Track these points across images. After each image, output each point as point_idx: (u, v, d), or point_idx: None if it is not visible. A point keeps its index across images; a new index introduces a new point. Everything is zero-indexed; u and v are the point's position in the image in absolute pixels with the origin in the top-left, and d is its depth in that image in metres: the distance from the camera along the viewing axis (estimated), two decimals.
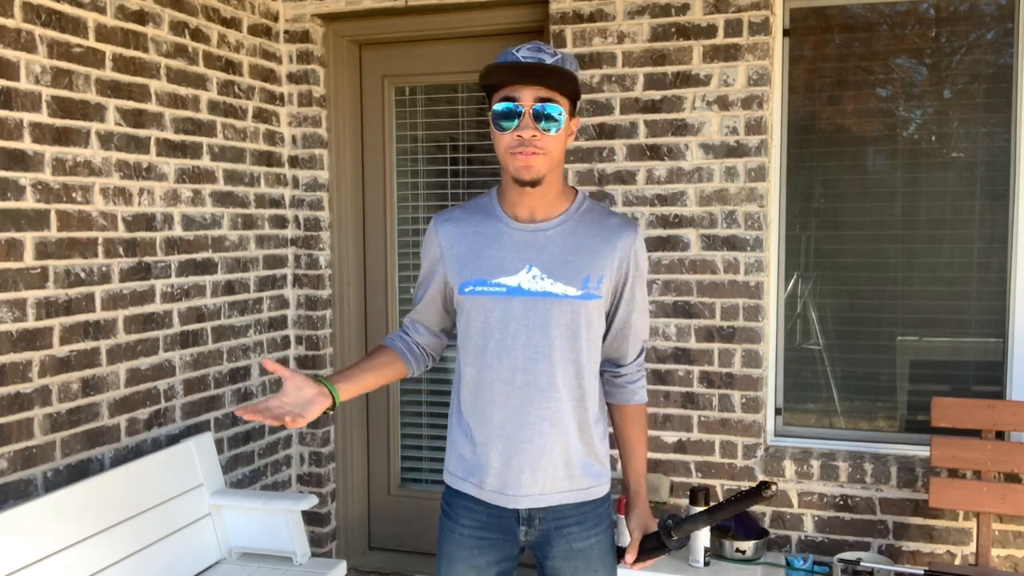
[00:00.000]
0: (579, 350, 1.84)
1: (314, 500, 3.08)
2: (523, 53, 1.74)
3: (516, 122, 1.73)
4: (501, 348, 1.83)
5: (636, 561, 1.92)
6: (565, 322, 1.82)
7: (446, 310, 1.99)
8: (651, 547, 1.90)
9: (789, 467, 3.28)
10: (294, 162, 3.86)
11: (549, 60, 1.73)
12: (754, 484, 1.84)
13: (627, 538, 1.96)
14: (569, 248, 1.83)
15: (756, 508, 3.33)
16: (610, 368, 1.97)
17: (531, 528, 1.89)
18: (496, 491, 1.87)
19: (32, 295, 2.62)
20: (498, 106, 1.74)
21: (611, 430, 2.05)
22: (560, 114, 1.74)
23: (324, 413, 1.78)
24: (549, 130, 1.73)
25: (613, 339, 1.93)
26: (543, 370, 1.81)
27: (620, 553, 1.96)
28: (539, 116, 1.72)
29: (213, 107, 3.38)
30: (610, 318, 1.91)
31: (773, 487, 1.74)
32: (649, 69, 3.35)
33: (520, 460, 1.84)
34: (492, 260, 1.83)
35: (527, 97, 1.72)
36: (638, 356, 1.97)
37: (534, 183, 1.78)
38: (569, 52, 1.85)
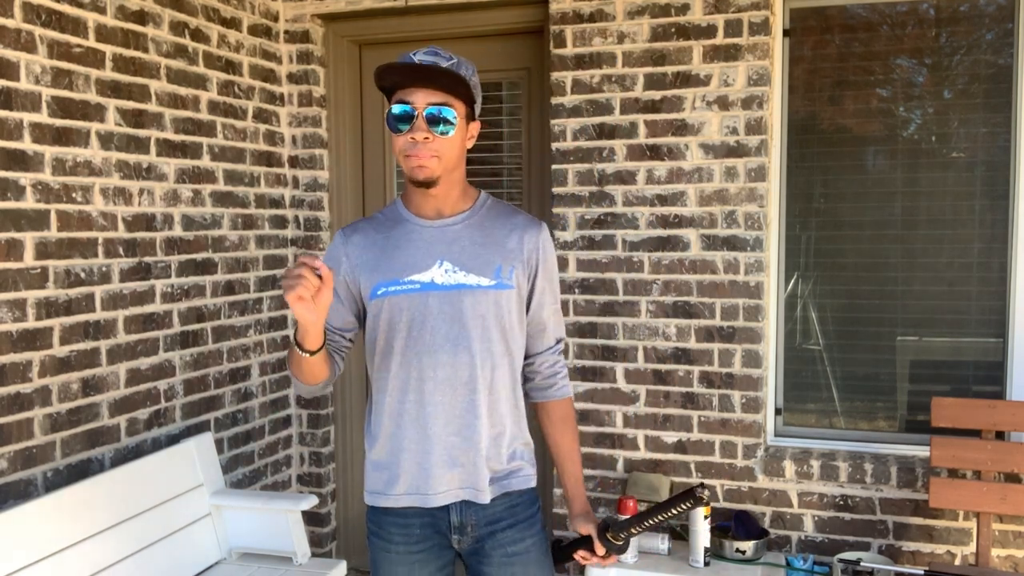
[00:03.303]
0: (496, 340, 1.84)
1: (314, 500, 3.08)
2: (419, 56, 1.75)
3: (410, 124, 1.74)
4: (419, 344, 1.82)
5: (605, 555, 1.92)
6: (480, 312, 1.82)
7: (359, 317, 1.95)
8: (607, 546, 1.91)
9: (789, 467, 3.28)
10: (294, 162, 3.86)
11: (444, 64, 1.74)
12: (689, 488, 1.84)
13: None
14: (478, 241, 1.85)
15: (756, 508, 3.33)
16: (524, 361, 1.97)
17: (463, 536, 1.88)
18: (427, 493, 1.85)
19: (32, 295, 2.62)
20: (393, 108, 1.75)
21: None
22: (454, 117, 1.74)
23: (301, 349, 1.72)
24: (444, 133, 1.74)
25: (531, 334, 1.95)
26: (463, 362, 1.81)
27: (563, 551, 1.95)
28: (433, 120, 1.73)
29: (213, 107, 3.38)
30: (527, 306, 1.92)
31: (706, 491, 1.76)
32: (649, 69, 3.35)
33: (450, 455, 1.83)
34: (403, 259, 1.83)
35: (420, 100, 1.73)
36: (548, 350, 1.97)
37: (428, 184, 1.79)
38: (467, 59, 1.86)
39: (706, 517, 3.07)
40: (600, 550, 1.90)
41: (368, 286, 1.85)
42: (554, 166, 3.47)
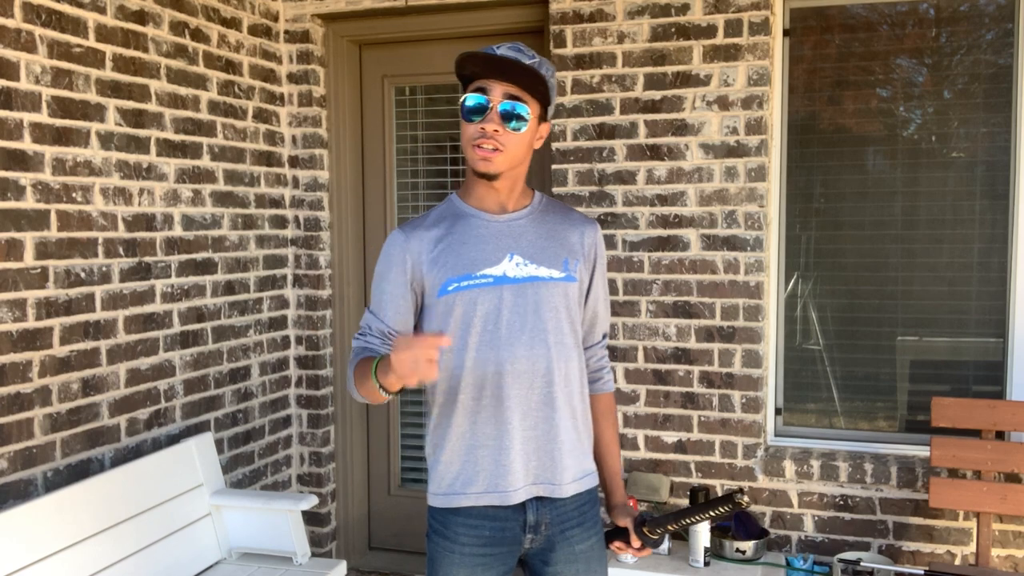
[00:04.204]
0: (567, 331, 1.86)
1: (314, 500, 3.08)
2: (502, 50, 1.75)
3: (483, 116, 1.74)
4: (495, 338, 1.80)
5: (640, 548, 1.93)
6: (554, 304, 1.83)
7: (413, 317, 1.93)
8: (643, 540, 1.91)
9: (789, 467, 3.28)
10: (294, 162, 3.86)
11: (527, 61, 1.74)
12: (730, 491, 1.82)
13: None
14: (543, 235, 1.86)
15: (756, 508, 3.33)
16: None
17: (537, 535, 1.86)
18: (506, 490, 1.82)
19: (32, 295, 2.62)
20: (468, 97, 1.75)
21: None
22: (527, 114, 1.75)
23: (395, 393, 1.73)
24: (516, 129, 1.75)
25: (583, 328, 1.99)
26: (540, 355, 1.81)
27: (609, 538, 1.96)
28: (507, 114, 1.73)
29: (213, 107, 3.38)
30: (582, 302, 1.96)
31: (746, 496, 1.76)
32: (649, 69, 3.35)
33: (527, 449, 1.82)
34: (472, 254, 1.82)
35: (497, 93, 1.73)
36: (597, 344, 2.01)
37: (491, 176, 1.79)
38: (548, 60, 1.86)
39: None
40: (636, 542, 1.90)
41: (436, 283, 1.82)
42: (554, 166, 3.47)
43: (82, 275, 2.80)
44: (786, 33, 3.35)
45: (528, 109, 1.74)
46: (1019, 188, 3.15)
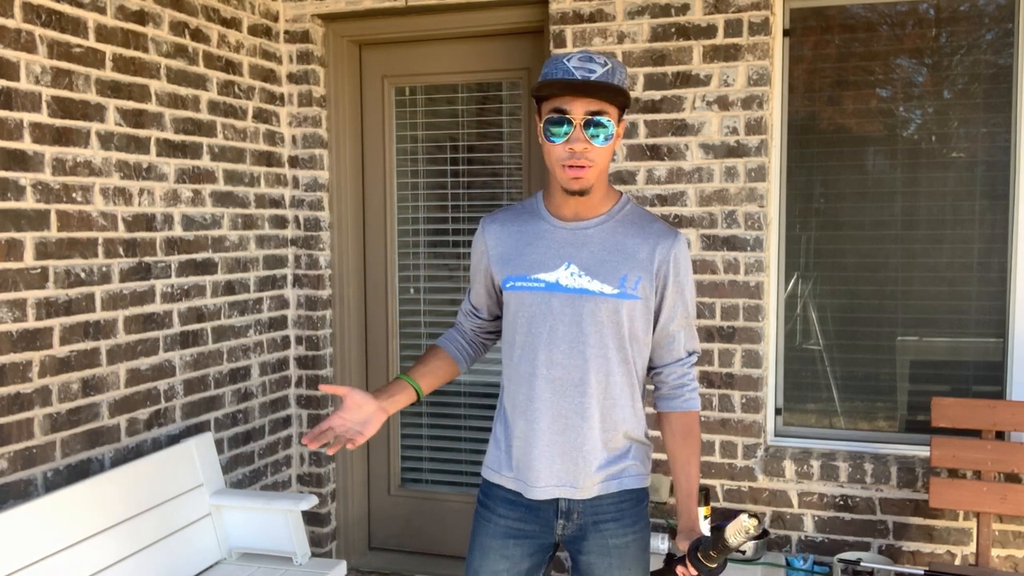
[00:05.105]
0: (612, 347, 1.85)
1: (314, 500, 3.08)
2: (574, 64, 1.76)
3: (566, 133, 1.76)
4: (537, 342, 1.87)
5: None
6: (600, 319, 1.84)
7: (496, 301, 2.06)
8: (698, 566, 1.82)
9: (789, 467, 3.28)
10: (294, 162, 3.86)
11: (599, 71, 1.76)
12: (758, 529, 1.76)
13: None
14: (608, 248, 1.86)
15: (756, 508, 3.34)
16: (652, 371, 1.99)
17: (569, 522, 1.92)
18: (528, 483, 1.90)
19: (32, 295, 2.62)
20: (550, 117, 1.78)
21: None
22: (609, 123, 1.77)
23: (412, 404, 1.97)
24: (598, 139, 1.77)
25: (656, 347, 1.95)
26: (576, 365, 1.85)
27: (669, 561, 1.90)
28: (589, 126, 1.76)
29: (213, 107, 3.38)
30: (654, 318, 1.93)
31: (763, 526, 1.70)
32: (649, 69, 3.35)
33: (551, 453, 1.87)
34: (533, 257, 1.89)
35: (578, 110, 1.75)
36: (677, 361, 1.95)
37: (583, 192, 1.82)
38: (618, 60, 1.87)
39: (706, 517, 3.07)
40: (690, 570, 1.81)
41: (500, 277, 1.93)
42: None
43: (82, 275, 2.80)
44: (786, 33, 3.35)
45: (609, 119, 1.77)
46: (1019, 188, 3.15)
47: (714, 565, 1.80)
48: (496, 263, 1.94)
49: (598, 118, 1.75)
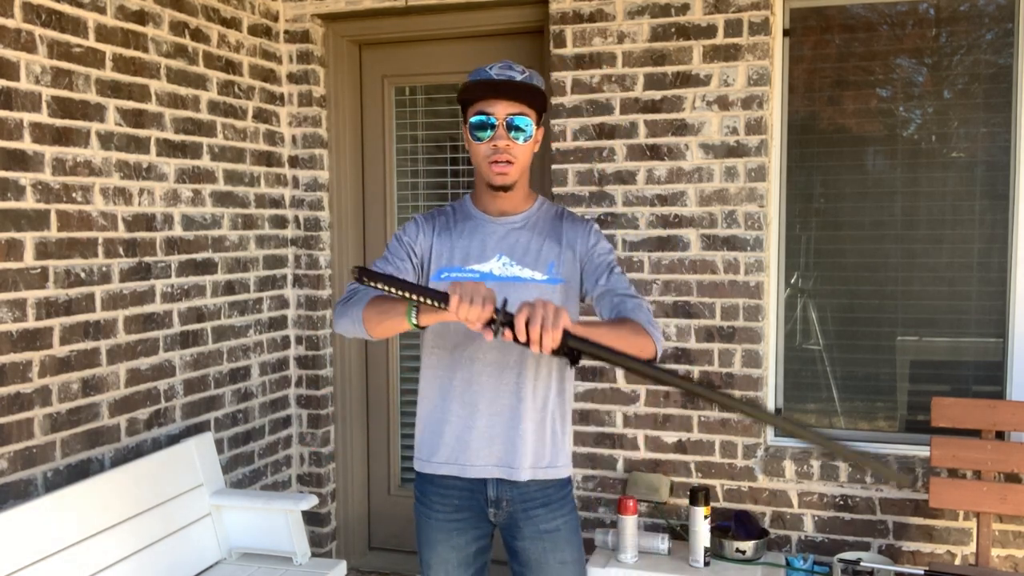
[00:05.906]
0: None
1: (314, 500, 3.08)
2: (495, 72, 1.94)
3: (490, 133, 1.93)
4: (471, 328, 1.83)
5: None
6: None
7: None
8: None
9: (789, 467, 3.28)
10: (294, 162, 3.86)
11: (519, 77, 1.93)
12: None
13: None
14: (535, 239, 2.03)
15: (756, 508, 3.33)
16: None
17: (499, 510, 2.04)
18: (464, 464, 2.01)
19: (32, 295, 2.62)
20: (474, 119, 1.95)
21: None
22: (528, 125, 1.94)
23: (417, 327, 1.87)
24: (519, 139, 1.94)
25: (598, 301, 2.00)
26: (512, 348, 1.96)
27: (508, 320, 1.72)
28: (511, 127, 1.92)
29: (213, 107, 3.38)
30: (587, 289, 2.04)
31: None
32: (649, 69, 3.35)
33: (490, 433, 2.00)
34: (466, 250, 2.03)
35: (500, 112, 1.92)
36: (624, 296, 1.96)
37: (506, 188, 1.99)
38: (535, 70, 2.00)
39: (706, 517, 3.07)
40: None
41: (434, 268, 2.05)
42: (554, 166, 3.47)
43: (82, 275, 2.80)
44: (786, 33, 3.35)
45: (529, 120, 1.94)
46: (1019, 188, 3.15)
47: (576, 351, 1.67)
48: (432, 254, 2.04)
49: (518, 119, 1.92)
